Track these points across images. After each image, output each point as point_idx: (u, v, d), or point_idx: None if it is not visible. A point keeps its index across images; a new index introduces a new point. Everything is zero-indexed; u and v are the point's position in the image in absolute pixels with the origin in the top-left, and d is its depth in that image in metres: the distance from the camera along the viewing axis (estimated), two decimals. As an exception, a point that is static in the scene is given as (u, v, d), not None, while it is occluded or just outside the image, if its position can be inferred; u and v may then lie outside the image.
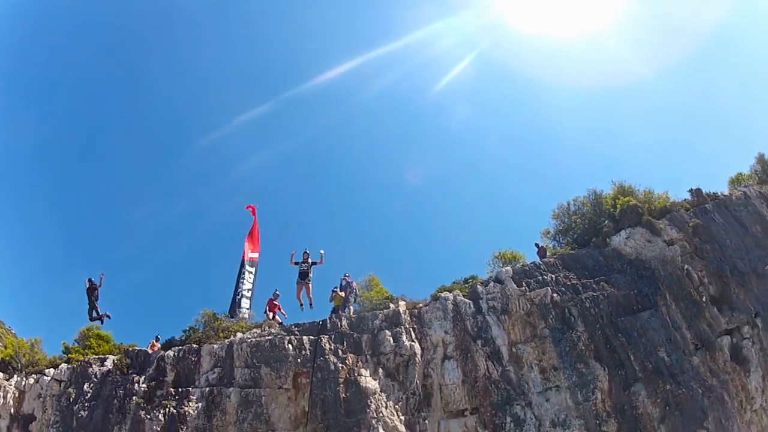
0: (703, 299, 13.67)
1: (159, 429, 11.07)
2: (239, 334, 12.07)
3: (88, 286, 15.71)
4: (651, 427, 11.36)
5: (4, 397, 14.43)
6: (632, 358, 11.93)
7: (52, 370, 14.55)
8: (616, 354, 11.93)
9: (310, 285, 13.28)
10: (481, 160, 46.05)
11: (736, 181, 20.68)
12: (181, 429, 10.86)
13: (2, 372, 15.26)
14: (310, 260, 13.44)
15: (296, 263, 13.46)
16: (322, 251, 13.61)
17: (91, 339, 15.88)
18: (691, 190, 17.79)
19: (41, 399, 13.79)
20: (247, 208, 15.11)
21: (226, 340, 11.97)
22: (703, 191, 17.81)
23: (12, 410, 14.23)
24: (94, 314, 15.97)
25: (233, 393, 10.94)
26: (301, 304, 13.44)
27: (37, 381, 14.48)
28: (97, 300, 15.74)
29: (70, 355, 15.22)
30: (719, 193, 18.24)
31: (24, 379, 14.81)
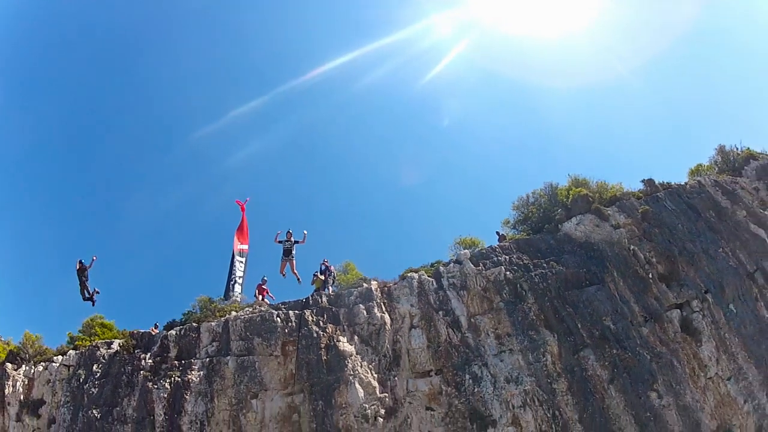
0: (650, 276, 15.67)
1: (165, 396, 13.13)
2: (233, 313, 14.22)
3: (78, 267, 17.23)
4: (601, 387, 13.34)
5: (14, 386, 16.25)
6: (579, 327, 14.06)
7: (60, 357, 16.44)
8: (564, 323, 14.07)
9: (294, 261, 15.42)
10: (461, 158, 50.29)
11: (695, 171, 22.84)
12: (186, 394, 12.93)
13: (10, 363, 17.03)
14: (293, 239, 15.59)
15: (280, 242, 15.63)
16: (305, 231, 15.82)
17: (96, 328, 17.81)
18: (643, 180, 19.92)
19: (50, 384, 15.67)
20: (237, 203, 17.19)
21: (222, 318, 14.11)
22: (656, 181, 20.05)
23: (21, 397, 16.07)
24: (86, 294, 17.52)
25: (230, 360, 13.07)
26: (284, 275, 15.57)
27: (45, 368, 16.35)
28: (87, 280, 17.35)
29: (77, 342, 17.11)
30: (673, 183, 20.39)
31: (33, 367, 16.62)
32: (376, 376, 12.54)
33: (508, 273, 14.63)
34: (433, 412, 12.24)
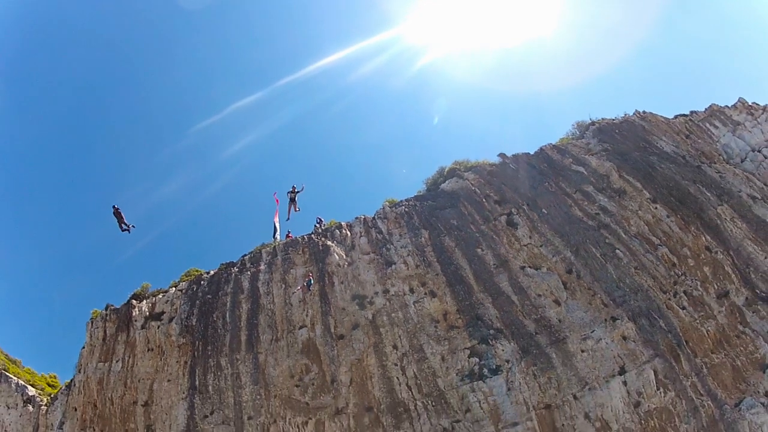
0: (485, 202, 35.08)
1: (249, 278, 32.98)
2: (278, 243, 34.38)
3: (114, 210, 29.76)
4: (450, 249, 32.49)
5: (139, 310, 35.01)
6: (440, 226, 33.59)
7: (173, 288, 35.92)
8: (432, 225, 33.70)
9: (296, 204, 35.32)
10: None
11: (560, 143, 41.94)
12: (258, 273, 32.91)
13: (135, 299, 36.30)
14: (296, 190, 35.57)
15: (288, 193, 35.53)
16: (303, 184, 35.82)
17: (193, 273, 37.34)
18: (499, 154, 39.49)
19: (168, 302, 34.98)
20: (275, 198, 37.48)
21: (272, 246, 34.25)
22: (507, 153, 39.51)
23: (146, 314, 34.93)
24: (123, 227, 30.26)
25: (279, 257, 33.26)
26: (288, 218, 35.52)
27: (164, 295, 35.58)
28: (122, 219, 30.00)
29: (183, 279, 36.71)
30: (521, 153, 39.55)
31: (153, 297, 35.89)
32: (343, 252, 32.33)
33: (406, 209, 34.57)
34: (369, 265, 31.77)
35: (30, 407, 35.51)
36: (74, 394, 33.09)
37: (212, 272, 35.38)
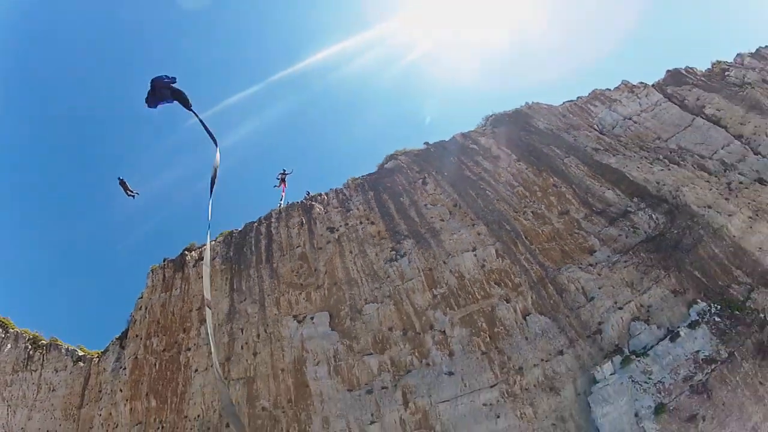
0: (409, 172, 56.51)
1: (265, 226, 54.72)
2: (281, 207, 56.37)
3: (120, 181, 46.57)
4: (386, 201, 53.86)
5: (191, 257, 57.11)
6: (380, 188, 54.98)
7: (214, 242, 57.99)
8: (375, 188, 55.05)
9: (285, 185, 57.24)
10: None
11: (470, 131, 63.82)
12: (270, 224, 54.44)
13: (186, 251, 58.60)
14: (286, 172, 57.52)
15: (279, 174, 57.42)
16: (293, 169, 58.35)
17: (225, 233, 59.51)
18: (425, 143, 61.15)
19: (212, 249, 56.93)
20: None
21: (278, 209, 56.19)
22: (430, 141, 61.30)
23: (196, 258, 57.02)
24: (128, 193, 46.70)
25: (283, 214, 55.29)
26: (279, 191, 57.33)
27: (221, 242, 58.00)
28: (128, 187, 47.05)
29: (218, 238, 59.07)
30: (440, 140, 61.35)
31: (200, 248, 57.98)
32: (322, 207, 54.03)
33: (361, 181, 56.51)
34: (337, 212, 53.31)
35: (81, 363, 44.53)
36: (135, 326, 52.12)
37: (239, 229, 57.19)
